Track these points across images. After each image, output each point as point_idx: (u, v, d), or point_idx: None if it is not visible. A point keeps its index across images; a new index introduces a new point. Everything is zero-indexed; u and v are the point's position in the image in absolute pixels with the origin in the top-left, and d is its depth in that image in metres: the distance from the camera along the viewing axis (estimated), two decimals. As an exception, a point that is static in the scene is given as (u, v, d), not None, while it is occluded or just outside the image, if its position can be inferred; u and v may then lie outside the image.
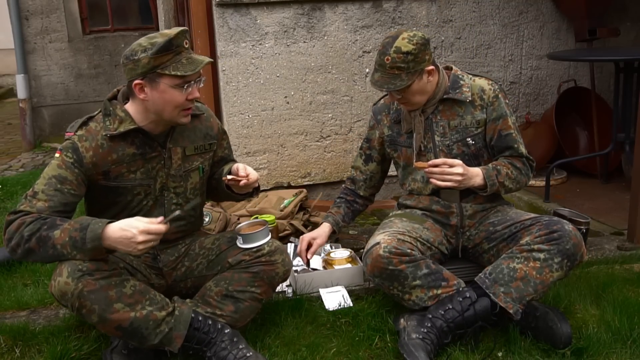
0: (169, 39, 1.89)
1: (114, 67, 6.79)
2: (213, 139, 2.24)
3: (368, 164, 2.58)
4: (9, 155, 6.11)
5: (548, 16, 4.14)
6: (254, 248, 2.12)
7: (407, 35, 2.19)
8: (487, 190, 2.24)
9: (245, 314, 2.12)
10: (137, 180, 2.06)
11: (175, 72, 1.91)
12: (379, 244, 2.16)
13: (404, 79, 2.18)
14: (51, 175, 1.94)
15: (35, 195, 1.91)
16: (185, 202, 2.17)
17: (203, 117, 2.21)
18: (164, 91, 1.94)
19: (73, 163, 1.96)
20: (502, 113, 2.31)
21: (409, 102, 2.29)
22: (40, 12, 6.44)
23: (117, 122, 2.00)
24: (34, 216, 1.87)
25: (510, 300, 2.09)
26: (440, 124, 2.33)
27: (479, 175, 2.22)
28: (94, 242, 1.80)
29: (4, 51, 9.52)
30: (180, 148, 2.13)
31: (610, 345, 2.10)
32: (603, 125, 4.03)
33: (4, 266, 2.88)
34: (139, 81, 1.94)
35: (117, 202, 2.08)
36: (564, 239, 2.09)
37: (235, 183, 2.10)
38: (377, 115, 2.50)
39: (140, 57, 1.90)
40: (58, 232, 1.83)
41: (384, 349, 2.15)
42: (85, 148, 1.98)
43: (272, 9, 3.57)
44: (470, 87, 2.32)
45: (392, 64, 2.17)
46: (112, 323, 1.89)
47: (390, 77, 2.19)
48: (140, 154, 2.04)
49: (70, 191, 1.94)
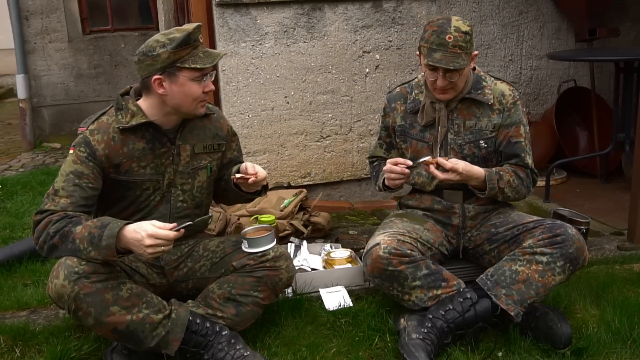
0: (187, 34, 1.94)
1: (114, 67, 6.79)
2: (222, 139, 2.25)
3: (390, 152, 2.51)
4: (9, 155, 6.11)
5: (548, 16, 4.14)
6: (259, 253, 2.12)
7: (458, 18, 2.18)
8: (485, 192, 2.23)
9: (246, 318, 2.12)
10: (147, 175, 2.09)
11: (194, 65, 1.95)
12: (379, 245, 2.16)
13: (464, 59, 2.14)
14: (68, 172, 1.98)
15: (56, 193, 1.95)
16: (191, 200, 2.17)
17: (213, 117, 2.24)
18: (184, 84, 1.98)
19: (87, 157, 1.99)
20: (516, 120, 2.29)
21: (453, 89, 2.23)
22: (40, 12, 6.44)
23: (129, 116, 2.04)
24: (61, 214, 1.91)
25: (512, 302, 2.09)
26: (455, 122, 2.31)
27: (480, 175, 2.21)
28: (109, 240, 1.81)
29: (4, 51, 9.52)
30: (189, 145, 2.15)
31: (610, 345, 2.10)
32: (603, 125, 4.03)
33: (4, 266, 2.88)
34: (158, 76, 1.97)
35: (126, 196, 2.10)
36: (567, 242, 2.09)
37: (244, 181, 2.10)
38: (392, 103, 2.45)
39: (159, 53, 1.94)
40: (80, 228, 1.86)
41: (384, 349, 2.15)
42: (97, 141, 2.01)
43: (272, 9, 3.57)
44: (492, 90, 2.30)
45: (455, 43, 2.11)
46: (108, 326, 1.90)
47: (452, 56, 2.12)
48: (150, 148, 2.07)
49: (88, 185, 1.98)
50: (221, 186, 2.33)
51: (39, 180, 4.65)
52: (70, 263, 1.85)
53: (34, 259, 2.92)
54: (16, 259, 2.92)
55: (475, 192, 2.28)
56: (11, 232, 3.43)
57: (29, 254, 2.93)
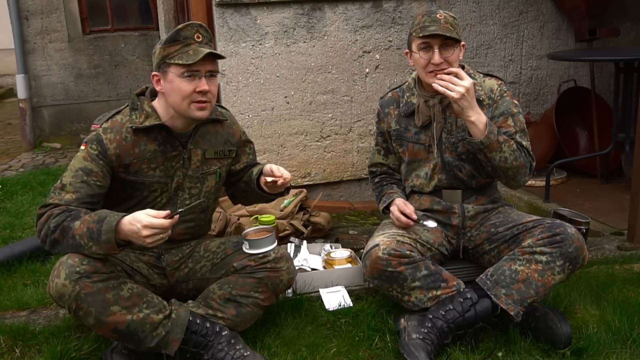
0: (176, 30, 1.97)
1: (114, 67, 6.79)
2: (233, 146, 2.25)
3: (388, 157, 2.54)
4: (9, 155, 6.11)
5: (548, 16, 4.14)
6: (260, 254, 2.12)
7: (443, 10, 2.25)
8: (483, 139, 2.11)
9: (246, 319, 2.12)
10: (156, 177, 2.09)
11: (178, 61, 1.95)
12: (378, 246, 2.16)
13: (458, 35, 2.19)
14: (77, 168, 1.98)
15: (63, 188, 1.96)
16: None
17: (226, 124, 2.24)
18: (172, 81, 1.98)
19: (98, 155, 1.99)
20: (504, 111, 2.28)
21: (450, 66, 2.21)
22: (40, 12, 6.44)
23: (143, 117, 2.04)
24: (62, 208, 1.91)
25: (512, 302, 2.09)
26: (448, 121, 2.31)
27: (481, 116, 2.13)
28: (108, 234, 1.81)
29: (4, 51, 9.53)
30: (200, 150, 2.15)
31: (610, 345, 2.10)
32: (603, 125, 4.03)
33: (4, 266, 2.88)
34: (156, 73, 2.01)
35: (134, 196, 2.10)
36: (566, 242, 2.09)
37: (273, 184, 2.11)
38: (385, 109, 2.47)
39: (156, 49, 2.01)
40: (78, 223, 1.86)
41: (384, 349, 2.15)
42: (109, 140, 2.01)
43: (272, 9, 3.57)
44: (482, 86, 2.31)
45: (446, 20, 2.18)
46: (108, 326, 1.90)
47: (446, 30, 2.17)
48: (161, 151, 2.07)
49: (96, 183, 1.98)
50: (241, 188, 2.33)
51: (39, 180, 4.65)
52: (72, 262, 1.85)
53: (34, 259, 2.93)
54: (16, 259, 2.92)
55: (471, 140, 2.16)
56: (11, 232, 3.43)
57: (29, 254, 2.93)
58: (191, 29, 1.98)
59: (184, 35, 1.96)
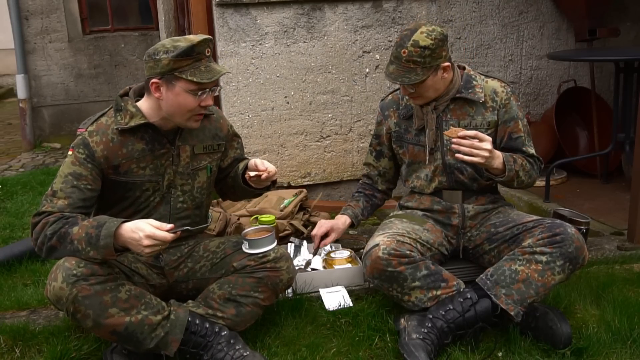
0: (191, 45, 1.92)
1: (114, 67, 6.79)
2: (222, 139, 2.25)
3: (380, 160, 2.57)
4: (9, 155, 6.11)
5: (548, 16, 4.14)
6: (260, 254, 2.12)
7: (425, 30, 2.15)
8: (504, 175, 2.18)
9: (246, 319, 2.12)
10: (146, 176, 2.08)
11: (191, 78, 1.93)
12: (378, 246, 2.16)
13: (419, 73, 2.16)
14: (67, 173, 1.98)
15: (54, 195, 1.95)
16: (191, 201, 2.18)
17: (213, 118, 2.24)
18: (178, 94, 1.96)
19: (85, 158, 1.99)
20: (514, 116, 2.31)
21: (421, 97, 2.26)
22: (40, 12, 6.44)
23: (127, 117, 2.03)
24: (57, 215, 1.90)
25: (512, 302, 2.09)
26: (450, 123, 2.31)
27: (499, 157, 2.17)
28: (107, 240, 1.81)
29: (4, 51, 9.53)
30: (189, 146, 2.15)
31: (610, 345, 2.10)
32: (603, 125, 4.03)
33: (4, 266, 2.88)
34: (156, 80, 1.97)
35: (126, 197, 2.10)
36: (566, 242, 2.09)
37: (257, 178, 2.11)
38: (385, 111, 2.49)
39: (161, 58, 1.93)
40: (77, 229, 1.86)
41: (384, 349, 2.15)
42: (96, 142, 2.01)
43: (272, 9, 3.57)
44: (483, 88, 2.31)
45: (409, 58, 2.15)
46: (106, 328, 1.90)
47: (405, 70, 2.17)
48: (149, 149, 2.07)
49: (87, 186, 1.98)
50: (228, 184, 2.34)
51: (39, 180, 4.65)
52: (69, 265, 1.85)
53: (34, 259, 2.93)
54: (16, 259, 2.92)
55: (494, 177, 2.23)
56: (11, 232, 3.43)
57: (29, 254, 2.93)
58: (204, 45, 1.95)
59: (197, 50, 1.94)
